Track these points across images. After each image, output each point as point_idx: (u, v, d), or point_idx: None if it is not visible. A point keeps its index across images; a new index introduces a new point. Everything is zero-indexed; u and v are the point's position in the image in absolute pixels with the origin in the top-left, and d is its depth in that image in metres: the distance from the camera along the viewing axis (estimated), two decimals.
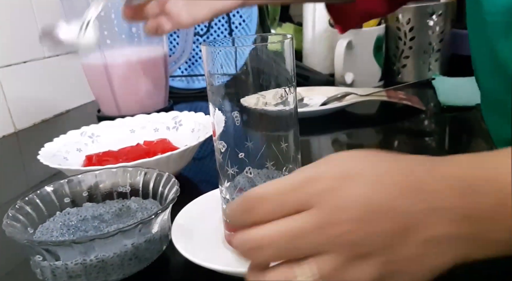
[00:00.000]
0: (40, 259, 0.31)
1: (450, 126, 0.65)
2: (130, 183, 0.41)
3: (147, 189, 0.40)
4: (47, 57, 0.87)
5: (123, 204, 0.39)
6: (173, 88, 0.93)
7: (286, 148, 0.32)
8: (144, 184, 0.40)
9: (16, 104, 0.80)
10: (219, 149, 0.32)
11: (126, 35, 0.73)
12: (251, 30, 0.89)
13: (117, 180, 0.41)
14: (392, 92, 0.72)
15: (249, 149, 0.31)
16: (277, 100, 0.31)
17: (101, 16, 0.70)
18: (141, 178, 0.41)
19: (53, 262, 0.31)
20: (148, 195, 0.40)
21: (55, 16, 0.86)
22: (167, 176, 0.39)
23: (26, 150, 0.72)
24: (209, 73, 0.31)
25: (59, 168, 0.46)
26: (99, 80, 0.75)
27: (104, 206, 0.40)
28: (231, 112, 0.31)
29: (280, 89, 0.31)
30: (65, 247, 0.31)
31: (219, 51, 0.30)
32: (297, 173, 0.23)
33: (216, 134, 0.32)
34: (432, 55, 0.85)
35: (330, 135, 0.66)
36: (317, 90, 0.78)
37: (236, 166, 0.32)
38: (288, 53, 0.31)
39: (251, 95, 0.31)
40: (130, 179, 0.41)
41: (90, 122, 0.59)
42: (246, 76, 0.30)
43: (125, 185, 0.41)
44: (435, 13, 0.82)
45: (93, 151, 0.54)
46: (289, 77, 0.31)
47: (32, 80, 0.84)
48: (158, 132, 0.58)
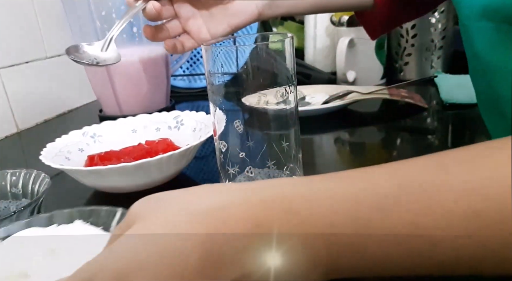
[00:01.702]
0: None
1: (452, 124, 0.65)
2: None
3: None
4: (49, 57, 0.87)
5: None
6: (174, 88, 0.93)
7: (287, 147, 0.32)
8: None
9: (18, 104, 0.80)
10: (219, 148, 0.32)
11: (127, 34, 0.73)
12: (252, 29, 0.89)
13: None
14: (394, 90, 0.72)
15: (250, 149, 0.31)
16: (278, 99, 0.31)
17: (102, 16, 0.70)
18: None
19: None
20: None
21: (57, 16, 0.86)
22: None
23: (29, 150, 0.72)
24: (210, 73, 0.31)
25: (61, 168, 0.46)
26: (100, 80, 0.75)
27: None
28: (233, 121, 0.31)
29: (281, 88, 0.31)
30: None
31: (219, 51, 0.30)
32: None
33: (217, 133, 0.32)
34: (434, 53, 0.84)
35: (332, 134, 0.66)
36: (319, 88, 0.78)
37: (237, 166, 0.32)
38: (289, 52, 0.31)
39: (252, 94, 0.31)
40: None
41: (92, 122, 0.59)
42: (247, 75, 0.30)
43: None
44: (437, 10, 0.81)
45: (95, 151, 0.54)
46: (290, 76, 0.31)
47: (34, 80, 0.84)
48: (160, 132, 0.58)
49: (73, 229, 0.31)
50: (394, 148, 0.59)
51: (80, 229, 0.30)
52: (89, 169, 0.44)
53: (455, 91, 0.71)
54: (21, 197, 0.41)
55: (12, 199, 0.41)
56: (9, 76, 0.78)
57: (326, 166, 0.55)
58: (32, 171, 0.41)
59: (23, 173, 0.41)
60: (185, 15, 0.52)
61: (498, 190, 0.18)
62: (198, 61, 0.95)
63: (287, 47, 0.31)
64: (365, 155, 0.59)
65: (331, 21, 0.88)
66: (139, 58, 0.74)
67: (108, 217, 0.31)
